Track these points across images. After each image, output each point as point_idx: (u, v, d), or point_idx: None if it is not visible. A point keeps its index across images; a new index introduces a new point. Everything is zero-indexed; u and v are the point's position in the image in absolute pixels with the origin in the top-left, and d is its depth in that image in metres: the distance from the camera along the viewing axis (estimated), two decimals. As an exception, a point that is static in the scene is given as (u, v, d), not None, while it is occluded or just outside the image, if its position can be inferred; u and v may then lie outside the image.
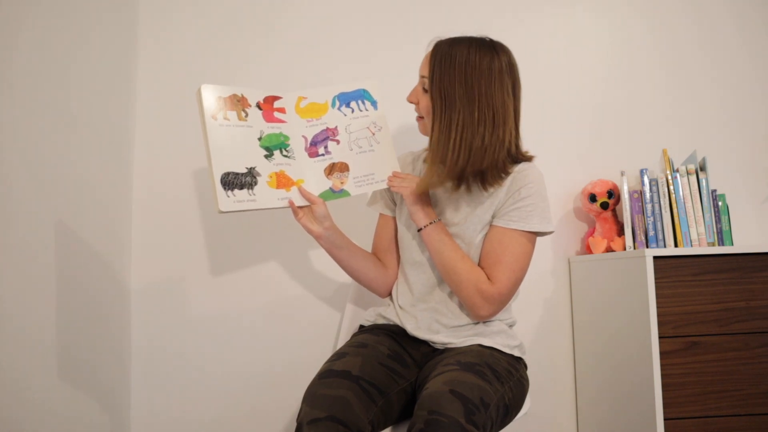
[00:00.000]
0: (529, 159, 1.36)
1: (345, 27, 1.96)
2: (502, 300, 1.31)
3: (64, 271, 1.47)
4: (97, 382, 1.63)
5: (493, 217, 1.34)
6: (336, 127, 1.41)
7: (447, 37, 1.34)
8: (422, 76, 1.35)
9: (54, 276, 1.43)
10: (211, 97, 1.30)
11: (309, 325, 1.87)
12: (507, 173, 1.32)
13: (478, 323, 1.35)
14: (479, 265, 1.34)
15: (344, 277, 1.86)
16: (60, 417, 1.45)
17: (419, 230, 1.35)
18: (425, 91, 1.34)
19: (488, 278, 1.30)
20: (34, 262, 1.37)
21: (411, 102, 1.40)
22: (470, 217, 1.35)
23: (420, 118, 1.40)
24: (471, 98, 1.27)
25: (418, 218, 1.34)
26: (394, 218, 1.48)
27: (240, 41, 1.93)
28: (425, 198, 1.36)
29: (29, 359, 1.35)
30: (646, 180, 1.78)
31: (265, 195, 1.31)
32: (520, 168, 1.33)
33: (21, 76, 1.32)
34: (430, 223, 1.34)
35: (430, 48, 1.35)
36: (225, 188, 1.27)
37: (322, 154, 1.39)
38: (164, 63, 1.91)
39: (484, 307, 1.30)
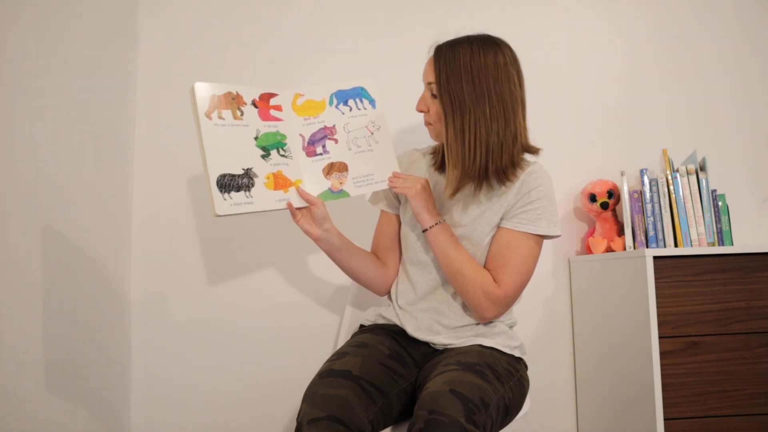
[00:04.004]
0: (536, 151, 1.34)
1: (344, 26, 1.96)
2: (508, 303, 1.31)
3: (63, 279, 1.46)
4: (97, 393, 1.61)
5: (501, 219, 1.34)
6: (334, 125, 1.37)
7: (446, 40, 1.32)
8: (428, 83, 1.33)
9: (52, 285, 1.42)
10: (204, 95, 1.24)
11: (309, 327, 1.87)
12: (522, 168, 1.32)
13: (479, 324, 1.35)
14: (485, 266, 1.33)
15: (343, 279, 1.85)
16: (59, 428, 1.43)
17: (424, 231, 1.34)
18: (434, 97, 1.33)
19: (494, 280, 1.30)
20: (32, 270, 1.35)
21: (421, 111, 1.37)
22: (479, 219, 1.34)
23: (430, 124, 1.37)
24: (481, 96, 1.26)
25: (424, 219, 1.33)
26: (397, 216, 1.47)
27: (241, 40, 1.93)
28: (430, 199, 1.35)
29: (28, 370, 1.33)
30: (646, 180, 1.77)
31: (262, 197, 1.27)
32: (530, 170, 1.33)
33: (19, 77, 1.31)
34: (436, 224, 1.33)
35: (431, 53, 1.33)
36: (221, 191, 1.22)
37: (320, 154, 1.35)
38: (164, 63, 1.90)
39: (490, 309, 1.30)
